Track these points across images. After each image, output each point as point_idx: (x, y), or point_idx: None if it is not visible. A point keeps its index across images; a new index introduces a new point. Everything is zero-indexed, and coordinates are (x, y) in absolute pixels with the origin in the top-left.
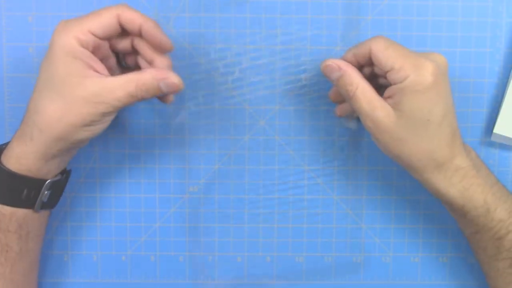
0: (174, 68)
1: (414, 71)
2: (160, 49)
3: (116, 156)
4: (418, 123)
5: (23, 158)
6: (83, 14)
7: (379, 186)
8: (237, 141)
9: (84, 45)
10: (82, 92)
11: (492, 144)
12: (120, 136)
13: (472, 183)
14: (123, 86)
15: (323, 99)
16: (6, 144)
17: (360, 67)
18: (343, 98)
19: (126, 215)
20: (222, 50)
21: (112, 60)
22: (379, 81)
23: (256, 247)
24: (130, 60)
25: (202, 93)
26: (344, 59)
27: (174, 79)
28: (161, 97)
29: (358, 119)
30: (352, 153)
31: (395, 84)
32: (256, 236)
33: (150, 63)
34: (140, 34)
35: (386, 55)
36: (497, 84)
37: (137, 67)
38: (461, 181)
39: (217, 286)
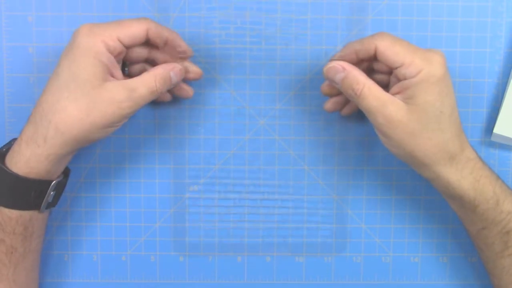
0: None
1: (427, 64)
2: (183, 56)
3: (116, 156)
4: (432, 115)
5: (33, 161)
6: (109, 20)
7: (379, 186)
8: (237, 141)
9: (110, 50)
10: (107, 93)
11: (492, 144)
12: (120, 136)
13: (481, 175)
14: (144, 83)
15: (323, 99)
16: (6, 146)
17: (356, 64)
18: (336, 91)
19: (126, 215)
20: (222, 50)
21: (116, 70)
22: (375, 78)
23: (256, 247)
24: (135, 68)
25: (202, 92)
26: (343, 54)
27: (179, 66)
28: (181, 91)
29: None
30: (352, 153)
31: (405, 79)
32: (256, 236)
33: None
34: (163, 46)
35: (395, 51)
36: (497, 84)
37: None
38: (471, 172)
39: (217, 286)
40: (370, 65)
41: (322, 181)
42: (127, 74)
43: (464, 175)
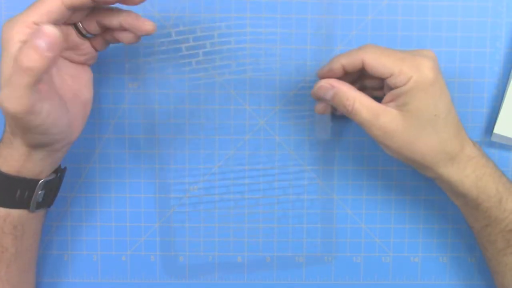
0: (173, 70)
1: (416, 71)
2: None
3: (116, 156)
4: (426, 120)
5: (10, 160)
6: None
7: (379, 186)
8: (237, 141)
9: None
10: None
11: (492, 144)
12: (120, 136)
13: (484, 173)
14: (14, 67)
15: None
16: None
17: (344, 76)
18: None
19: (126, 215)
20: (222, 50)
21: (74, 37)
22: (372, 93)
23: (256, 247)
24: (91, 27)
25: (202, 92)
26: (331, 68)
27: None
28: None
29: (331, 126)
30: (352, 153)
31: (396, 87)
32: (256, 236)
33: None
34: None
35: (382, 63)
36: (497, 84)
37: (104, 30)
38: (474, 171)
39: (217, 286)
40: (361, 76)
41: (322, 181)
42: (92, 37)
43: (466, 174)
